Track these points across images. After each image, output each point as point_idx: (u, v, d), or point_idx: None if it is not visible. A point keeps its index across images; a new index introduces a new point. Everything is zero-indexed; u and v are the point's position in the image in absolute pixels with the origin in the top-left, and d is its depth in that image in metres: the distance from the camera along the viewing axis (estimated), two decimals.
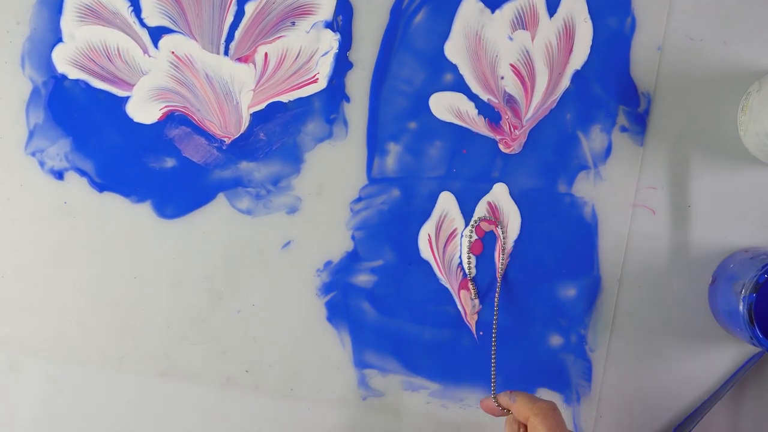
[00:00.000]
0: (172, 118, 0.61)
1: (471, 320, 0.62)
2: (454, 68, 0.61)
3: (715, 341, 0.61)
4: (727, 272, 0.59)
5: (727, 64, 0.61)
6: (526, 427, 0.51)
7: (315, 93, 0.61)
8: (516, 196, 0.61)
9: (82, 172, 0.61)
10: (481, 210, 0.62)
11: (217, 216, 0.61)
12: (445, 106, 0.61)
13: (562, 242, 0.61)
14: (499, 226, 0.52)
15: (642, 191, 0.61)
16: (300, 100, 0.61)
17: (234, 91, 0.61)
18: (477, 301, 0.61)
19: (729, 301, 0.57)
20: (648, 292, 0.61)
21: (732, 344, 0.61)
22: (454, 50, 0.61)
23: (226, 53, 0.61)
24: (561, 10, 0.61)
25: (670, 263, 0.61)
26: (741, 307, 0.55)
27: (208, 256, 0.61)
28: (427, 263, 0.61)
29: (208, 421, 0.62)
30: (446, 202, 0.61)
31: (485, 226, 0.54)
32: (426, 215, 0.61)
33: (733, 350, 0.61)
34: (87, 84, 0.61)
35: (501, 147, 0.61)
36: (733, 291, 0.57)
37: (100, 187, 0.61)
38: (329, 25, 0.61)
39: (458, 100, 0.61)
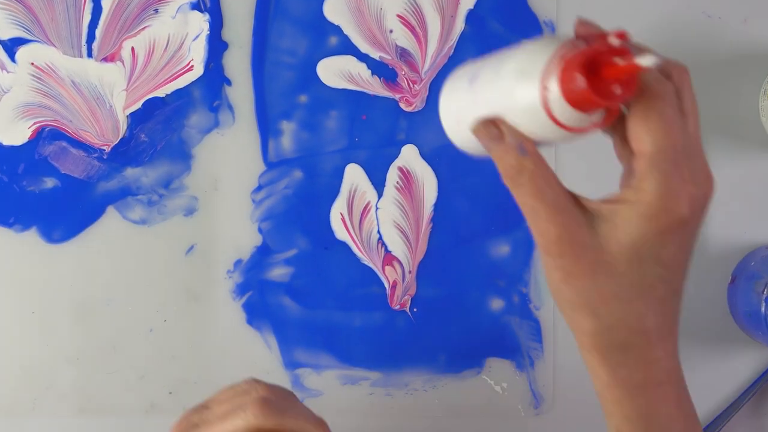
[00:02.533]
0: (43, 134, 0.56)
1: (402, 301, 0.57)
2: (337, 30, 0.56)
3: (735, 345, 0.57)
4: (747, 270, 0.56)
5: (747, 44, 0.57)
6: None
7: (193, 81, 0.57)
8: (428, 157, 0.57)
9: None
10: (392, 177, 0.57)
11: (110, 231, 0.57)
12: (335, 72, 0.57)
13: (485, 198, 0.57)
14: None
15: None
16: (178, 91, 0.57)
17: (105, 95, 0.56)
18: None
19: (750, 301, 0.55)
20: None
21: (753, 349, 0.57)
22: (334, 11, 0.56)
23: (89, 55, 0.56)
24: None
25: None
26: (763, 309, 0.53)
27: (108, 276, 0.57)
28: (344, 244, 0.57)
29: None
30: (354, 175, 0.57)
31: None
32: (335, 193, 0.57)
33: (754, 355, 0.57)
34: None
35: (402, 106, 0.57)
36: (754, 291, 0.54)
37: None
38: (196, 6, 0.56)
39: (348, 63, 0.57)
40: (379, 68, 0.57)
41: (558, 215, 0.33)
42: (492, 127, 0.34)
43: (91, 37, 0.56)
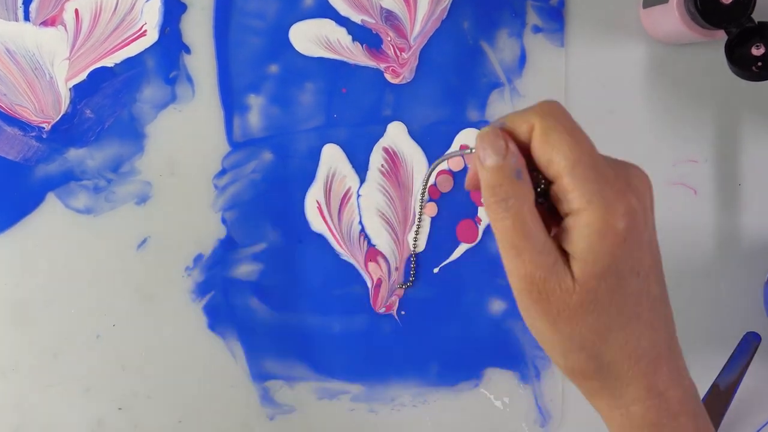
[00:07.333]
0: None
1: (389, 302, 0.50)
2: None
3: None
4: None
5: None
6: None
7: (146, 49, 0.51)
8: (417, 136, 0.51)
9: None
10: (376, 159, 0.50)
11: (51, 221, 0.51)
12: (310, 37, 0.51)
13: None
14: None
15: (679, 165, 0.51)
16: (129, 60, 0.51)
17: (44, 64, 0.50)
18: (402, 291, 0.50)
19: None
20: (689, 292, 0.52)
21: None
22: None
23: (26, 18, 0.51)
24: None
25: (716, 256, 0.52)
26: None
27: (48, 274, 0.51)
28: (321, 237, 0.51)
29: None
30: (332, 157, 0.51)
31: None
32: (310, 178, 0.51)
33: None
34: None
35: (388, 77, 0.51)
36: None
37: None
38: None
39: (325, 27, 0.51)
40: (361, 33, 0.51)
41: (543, 256, 0.31)
42: (501, 139, 0.31)
43: None
